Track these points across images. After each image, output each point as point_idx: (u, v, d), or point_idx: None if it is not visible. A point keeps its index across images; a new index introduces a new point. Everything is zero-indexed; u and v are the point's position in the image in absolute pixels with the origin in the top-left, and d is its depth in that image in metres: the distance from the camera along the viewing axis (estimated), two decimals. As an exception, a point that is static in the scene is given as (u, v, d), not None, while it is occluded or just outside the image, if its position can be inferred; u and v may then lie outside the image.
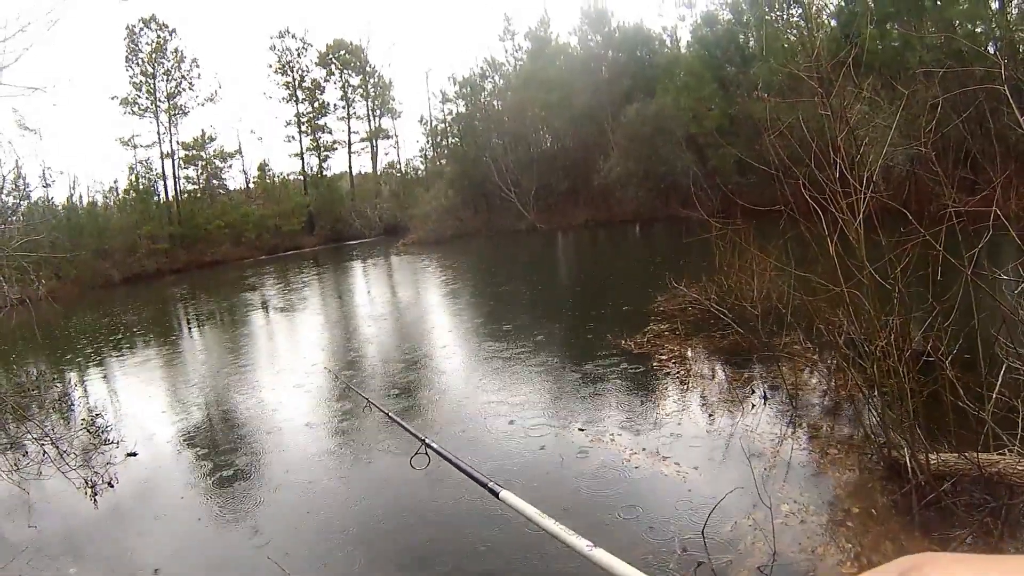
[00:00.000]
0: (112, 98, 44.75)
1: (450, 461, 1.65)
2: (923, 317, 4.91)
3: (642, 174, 28.08)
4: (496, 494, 1.29)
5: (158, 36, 44.13)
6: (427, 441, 1.98)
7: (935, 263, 4.48)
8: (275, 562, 4.88)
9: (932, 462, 4.46)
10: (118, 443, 8.34)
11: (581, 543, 0.87)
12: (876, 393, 4.98)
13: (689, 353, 9.09)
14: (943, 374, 4.39)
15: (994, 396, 4.14)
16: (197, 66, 46.19)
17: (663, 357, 9.00)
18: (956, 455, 4.43)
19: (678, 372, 8.41)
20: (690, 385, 7.95)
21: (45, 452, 7.66)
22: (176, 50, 45.07)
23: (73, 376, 13.15)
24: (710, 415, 6.97)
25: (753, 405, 6.96)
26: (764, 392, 7.24)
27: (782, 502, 4.87)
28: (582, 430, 6.87)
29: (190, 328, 19.04)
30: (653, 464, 5.94)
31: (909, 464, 4.42)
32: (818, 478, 5.22)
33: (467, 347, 11.58)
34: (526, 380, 8.85)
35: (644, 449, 6.24)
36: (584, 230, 27.85)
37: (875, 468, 4.99)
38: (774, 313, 8.21)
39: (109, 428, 9.08)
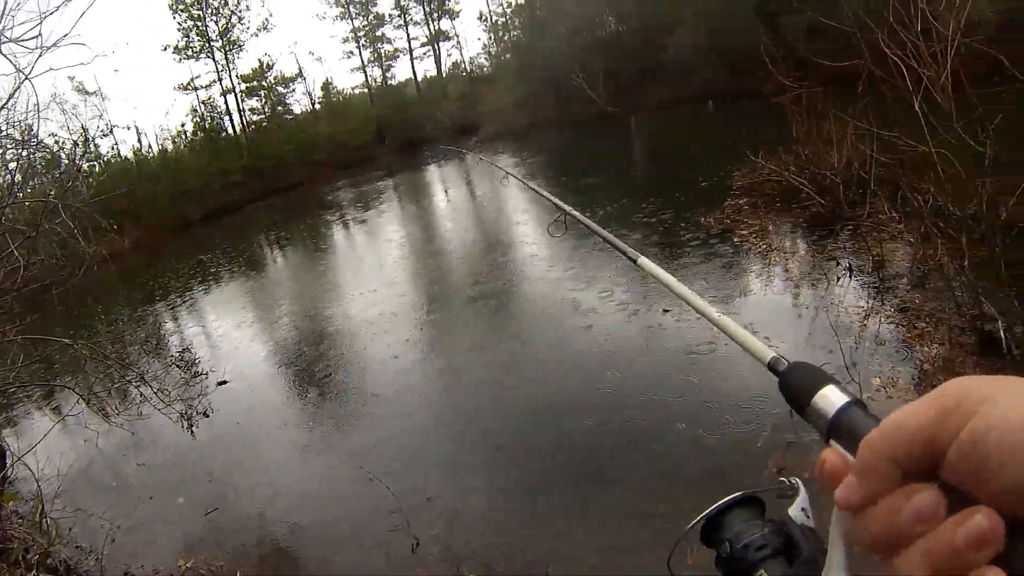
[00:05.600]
0: (164, 48, 44.84)
1: (591, 228, 1.66)
2: (1019, 180, 4.52)
3: (711, 49, 26.66)
4: (635, 260, 1.34)
5: (198, -23, 43.61)
6: (567, 209, 2.02)
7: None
8: (370, 474, 5.08)
9: (1029, 333, 4.20)
10: (207, 374, 8.75)
11: (712, 310, 0.90)
12: (967, 263, 4.68)
13: (770, 227, 8.77)
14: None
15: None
16: (244, -3, 45.75)
17: (744, 232, 8.75)
18: (1055, 325, 4.16)
19: (761, 247, 8.17)
20: (773, 259, 7.73)
21: (142, 393, 8.11)
22: (220, -14, 44.61)
23: (166, 316, 13.79)
24: (795, 289, 6.82)
25: (838, 278, 6.72)
26: (849, 264, 6.95)
27: (871, 376, 4.74)
28: (667, 311, 6.82)
29: (272, 254, 19.56)
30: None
31: (1003, 337, 4.16)
32: (907, 352, 5.02)
33: (547, 238, 11.49)
34: (607, 266, 8.76)
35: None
36: (656, 110, 26.84)
37: (966, 342, 4.73)
38: (856, 181, 7.79)
39: (198, 361, 9.52)
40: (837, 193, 7.82)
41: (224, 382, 8.27)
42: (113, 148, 38.00)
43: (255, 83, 46.81)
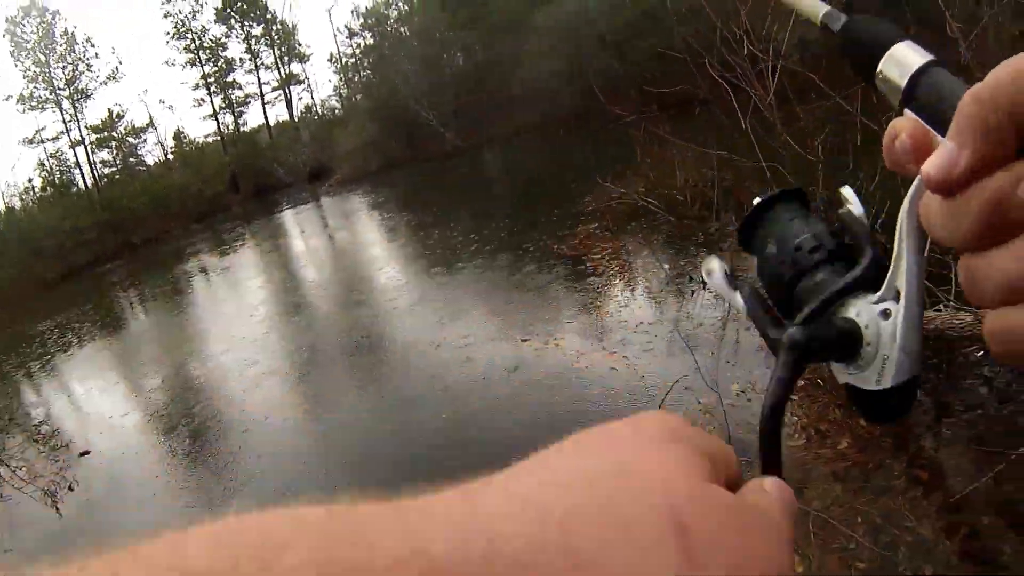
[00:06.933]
0: (7, 98, 42.01)
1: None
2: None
3: (560, 78, 27.51)
4: None
5: (41, 22, 41.10)
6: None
7: (853, 129, 4.44)
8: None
9: (872, 325, 4.48)
10: (68, 445, 8.14)
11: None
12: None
13: (623, 249, 9.05)
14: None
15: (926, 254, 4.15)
16: (92, 45, 43.48)
17: (596, 256, 8.95)
18: (894, 316, 4.46)
19: (615, 269, 8.39)
20: (628, 280, 7.97)
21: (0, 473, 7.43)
22: (66, 32, 42.17)
23: (23, 385, 12.78)
24: (653, 306, 7.03)
25: (693, 292, 6.99)
26: (702, 278, 7.24)
27: (730, 383, 4.94)
28: (525, 340, 6.86)
29: (134, 310, 18.52)
30: (603, 361, 5.98)
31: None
32: (762, 356, 5.26)
33: (403, 274, 11.53)
34: (463, 299, 8.83)
35: (591, 349, 6.26)
36: (508, 141, 27.37)
37: (818, 340, 5.02)
38: (701, 198, 8.18)
39: (56, 433, 8.86)
40: (685, 210, 8.18)
41: (86, 452, 7.68)
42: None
43: (105, 134, 44.42)
